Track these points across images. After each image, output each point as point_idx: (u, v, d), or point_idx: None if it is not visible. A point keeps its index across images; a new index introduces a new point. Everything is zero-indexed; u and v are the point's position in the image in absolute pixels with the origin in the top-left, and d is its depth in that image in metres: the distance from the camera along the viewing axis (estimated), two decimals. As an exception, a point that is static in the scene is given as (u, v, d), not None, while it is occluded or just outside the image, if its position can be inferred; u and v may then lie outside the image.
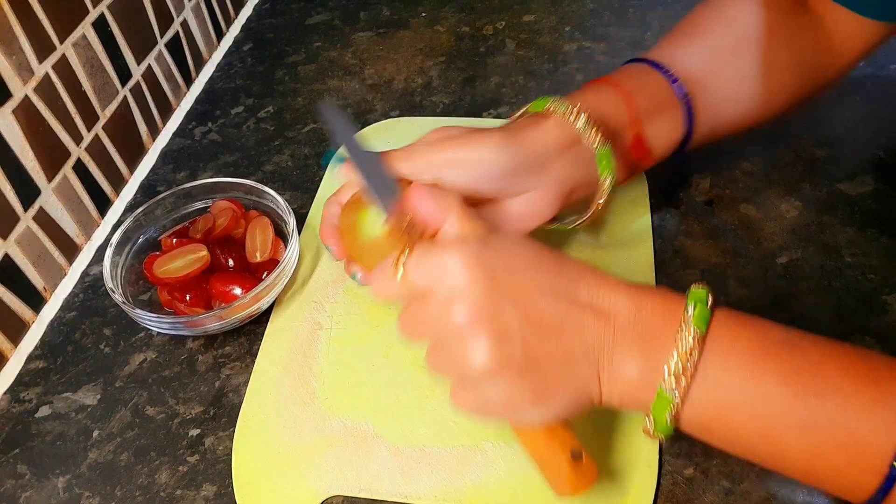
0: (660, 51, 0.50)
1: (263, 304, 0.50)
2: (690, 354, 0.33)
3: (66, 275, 0.57)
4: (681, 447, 0.43)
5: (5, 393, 0.50)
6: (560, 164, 0.44)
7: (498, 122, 0.65)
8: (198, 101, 0.73)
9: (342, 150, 0.43)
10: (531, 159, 0.43)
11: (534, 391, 0.34)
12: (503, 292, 0.34)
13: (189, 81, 0.73)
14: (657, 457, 0.42)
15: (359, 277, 0.43)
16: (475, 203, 0.43)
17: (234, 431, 0.46)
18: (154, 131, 0.68)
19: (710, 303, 0.34)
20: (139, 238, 0.54)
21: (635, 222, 0.55)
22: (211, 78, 0.75)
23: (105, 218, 0.61)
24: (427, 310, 0.35)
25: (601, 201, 0.45)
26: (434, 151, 0.42)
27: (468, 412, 0.37)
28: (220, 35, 0.79)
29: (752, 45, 0.50)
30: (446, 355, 0.36)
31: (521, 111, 0.47)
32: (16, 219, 0.51)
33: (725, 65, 0.50)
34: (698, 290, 0.35)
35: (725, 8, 0.51)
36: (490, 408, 0.36)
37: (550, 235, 0.48)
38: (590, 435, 0.43)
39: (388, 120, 0.67)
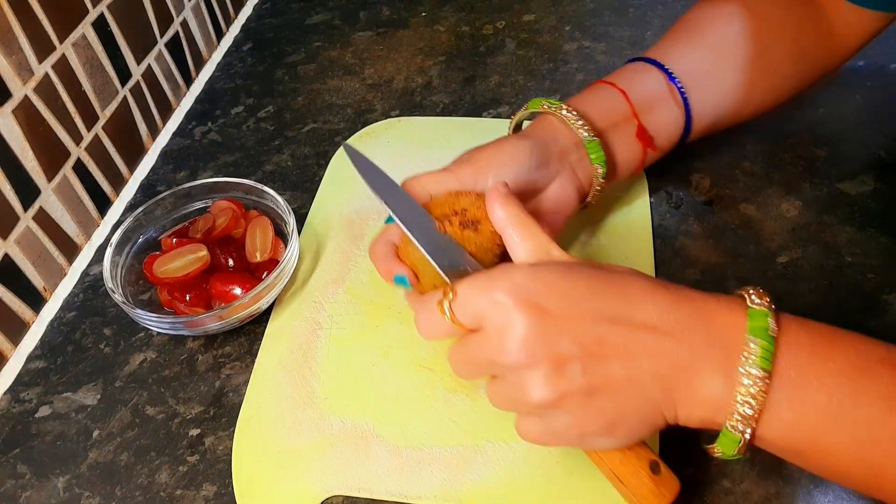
0: (657, 49, 0.52)
1: (263, 304, 0.50)
2: (755, 397, 0.31)
3: (66, 275, 0.57)
4: (681, 447, 0.43)
5: (5, 393, 0.50)
6: (574, 153, 0.47)
7: (498, 122, 0.65)
8: (198, 100, 0.73)
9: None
10: (550, 148, 0.46)
11: (601, 419, 0.33)
12: (556, 323, 0.32)
13: (189, 81, 0.73)
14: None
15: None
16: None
17: (234, 431, 0.46)
18: (154, 131, 0.68)
19: (772, 329, 0.32)
20: (139, 238, 0.54)
21: (635, 222, 0.55)
22: (211, 78, 0.75)
23: (105, 218, 0.61)
24: (479, 348, 0.34)
25: (598, 188, 0.49)
26: (474, 161, 0.44)
27: (536, 442, 0.36)
28: (219, 35, 0.79)
29: (750, 39, 0.51)
30: (506, 390, 0.35)
31: (520, 113, 0.50)
32: (16, 219, 0.51)
33: (722, 58, 0.51)
34: (757, 319, 0.32)
35: (723, 5, 0.52)
36: (558, 438, 0.35)
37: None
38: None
39: (388, 120, 0.67)
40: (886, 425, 0.30)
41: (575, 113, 0.47)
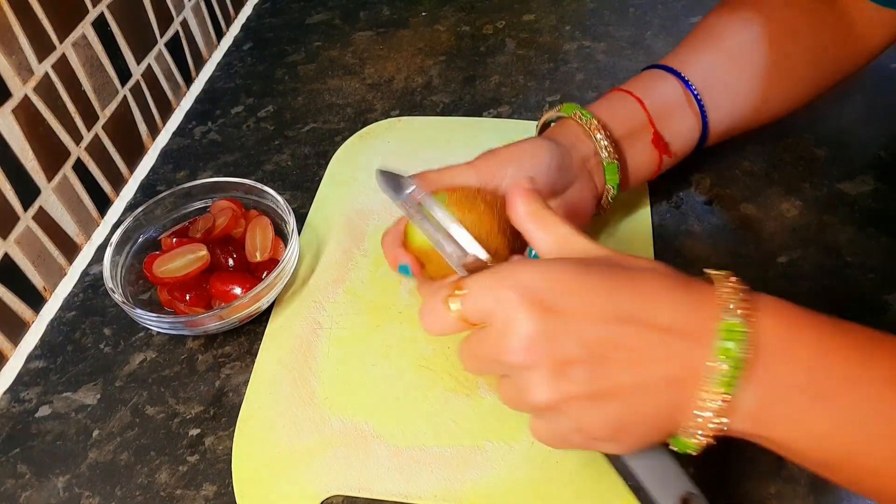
0: (673, 57, 0.53)
1: (263, 303, 0.50)
2: (719, 414, 0.30)
3: (66, 274, 0.57)
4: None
5: (5, 393, 0.50)
6: (593, 162, 0.48)
7: (498, 122, 0.65)
8: (198, 100, 0.73)
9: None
10: (570, 154, 0.47)
11: (607, 425, 0.32)
12: (562, 323, 0.31)
13: (189, 81, 0.73)
14: (657, 457, 0.42)
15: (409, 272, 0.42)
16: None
17: (234, 431, 0.46)
18: (154, 131, 0.68)
19: (741, 354, 0.30)
20: (139, 238, 0.54)
21: (635, 222, 0.55)
22: (211, 77, 0.75)
23: (105, 217, 0.61)
24: (484, 345, 0.33)
25: (609, 201, 0.49)
26: (493, 155, 0.44)
27: (547, 444, 0.35)
28: (219, 34, 0.79)
29: (766, 44, 0.51)
30: (512, 390, 0.34)
31: (550, 113, 0.51)
32: (16, 218, 0.51)
33: (738, 65, 0.51)
34: (727, 338, 0.30)
35: (739, 11, 0.52)
36: (564, 441, 0.34)
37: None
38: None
39: (388, 119, 0.67)
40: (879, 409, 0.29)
41: (604, 133, 0.47)
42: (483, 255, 0.38)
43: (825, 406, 0.30)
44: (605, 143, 0.47)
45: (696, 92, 0.50)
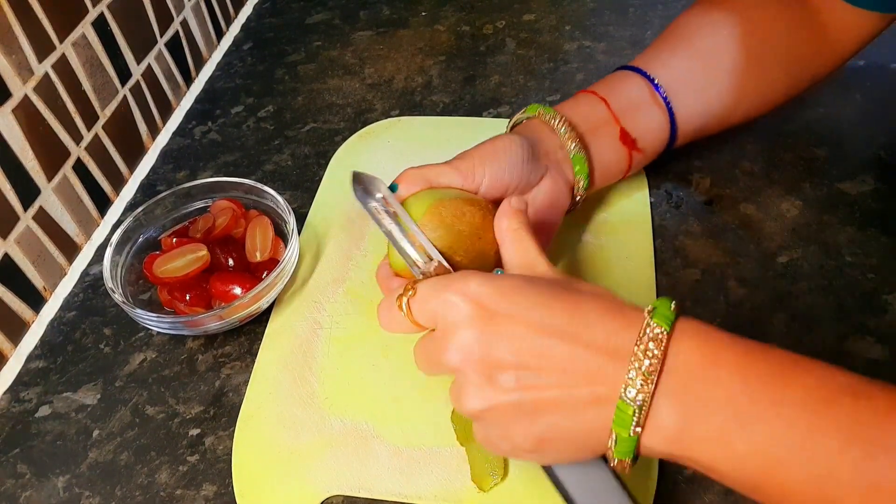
0: (642, 57, 0.53)
1: (263, 303, 0.50)
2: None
3: (66, 274, 0.57)
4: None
5: (5, 393, 0.50)
6: (560, 155, 0.48)
7: (498, 122, 0.65)
8: (198, 100, 0.73)
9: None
10: (538, 147, 0.47)
11: (531, 436, 0.33)
12: (498, 329, 0.32)
13: (189, 81, 0.73)
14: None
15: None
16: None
17: (234, 431, 0.46)
18: (154, 131, 0.68)
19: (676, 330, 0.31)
20: (139, 238, 0.54)
21: (635, 222, 0.55)
22: (211, 77, 0.75)
23: (105, 217, 0.61)
24: (431, 346, 0.35)
25: (578, 199, 0.50)
26: (471, 154, 0.45)
27: (484, 447, 0.37)
28: (219, 34, 0.79)
29: (738, 45, 0.51)
30: (452, 393, 0.36)
31: (518, 115, 0.51)
32: (16, 218, 0.51)
33: (708, 65, 0.51)
34: (663, 314, 0.31)
35: (711, 11, 0.53)
36: (493, 446, 0.36)
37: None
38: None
39: (388, 119, 0.67)
40: (845, 461, 0.28)
41: (567, 125, 0.48)
42: (446, 263, 0.39)
43: (745, 427, 0.30)
44: (569, 134, 0.48)
45: (661, 89, 0.50)
